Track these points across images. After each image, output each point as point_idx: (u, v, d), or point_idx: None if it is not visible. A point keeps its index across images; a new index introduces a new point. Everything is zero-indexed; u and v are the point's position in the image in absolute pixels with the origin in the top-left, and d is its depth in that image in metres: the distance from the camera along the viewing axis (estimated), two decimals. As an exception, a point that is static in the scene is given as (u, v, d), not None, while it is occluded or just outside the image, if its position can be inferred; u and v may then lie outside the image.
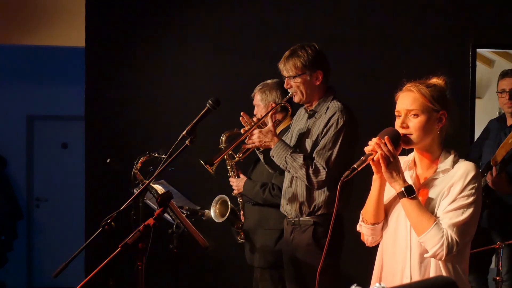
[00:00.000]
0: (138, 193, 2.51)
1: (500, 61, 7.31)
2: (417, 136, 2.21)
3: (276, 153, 3.21)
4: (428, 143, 2.25)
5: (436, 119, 2.23)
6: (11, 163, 6.88)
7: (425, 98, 2.23)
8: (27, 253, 7.16)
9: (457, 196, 2.16)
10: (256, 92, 3.82)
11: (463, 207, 2.15)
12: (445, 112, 2.25)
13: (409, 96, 2.26)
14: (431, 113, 2.22)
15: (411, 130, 2.21)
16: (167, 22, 4.97)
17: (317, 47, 3.28)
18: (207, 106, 2.49)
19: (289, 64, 3.24)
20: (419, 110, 2.22)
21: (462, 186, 2.17)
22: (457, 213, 2.14)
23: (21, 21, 5.34)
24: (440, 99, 2.26)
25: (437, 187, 2.22)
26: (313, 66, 3.22)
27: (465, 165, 2.22)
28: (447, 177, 2.22)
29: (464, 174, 2.18)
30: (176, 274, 3.50)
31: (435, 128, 2.24)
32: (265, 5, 4.99)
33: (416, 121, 2.21)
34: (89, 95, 4.95)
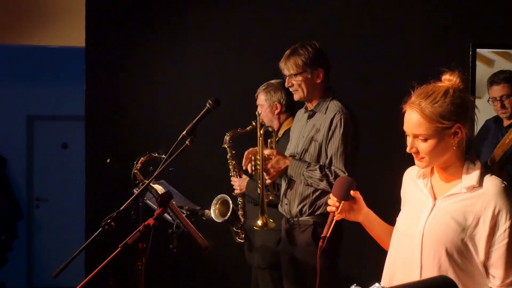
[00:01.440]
0: (138, 193, 2.51)
1: (500, 61, 7.30)
2: (430, 158, 1.99)
3: (293, 173, 3.25)
4: (446, 160, 2.01)
5: (451, 135, 1.97)
6: (11, 163, 6.89)
7: (432, 120, 1.95)
8: (27, 253, 7.16)
9: (498, 235, 1.93)
10: (260, 92, 3.83)
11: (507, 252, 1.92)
12: (460, 125, 1.96)
13: (413, 119, 2.00)
14: (442, 133, 1.95)
15: (422, 154, 2.00)
16: (167, 22, 4.97)
17: (317, 45, 3.31)
18: (207, 106, 2.49)
19: (290, 63, 3.26)
20: (426, 135, 1.96)
21: (494, 220, 1.93)
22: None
23: (21, 21, 5.34)
24: (452, 111, 1.95)
25: (461, 206, 1.97)
26: (314, 64, 3.25)
27: (494, 187, 1.96)
28: (474, 197, 1.96)
29: (500, 200, 1.93)
30: (176, 274, 3.50)
31: (450, 145, 1.97)
32: (266, 5, 4.98)
33: (425, 146, 1.97)
34: (89, 95, 4.95)
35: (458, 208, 1.97)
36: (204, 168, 4.86)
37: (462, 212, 1.96)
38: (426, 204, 2.05)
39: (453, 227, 1.96)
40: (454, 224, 1.96)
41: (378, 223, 2.21)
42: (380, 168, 4.74)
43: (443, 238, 1.96)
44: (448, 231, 1.96)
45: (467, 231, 1.94)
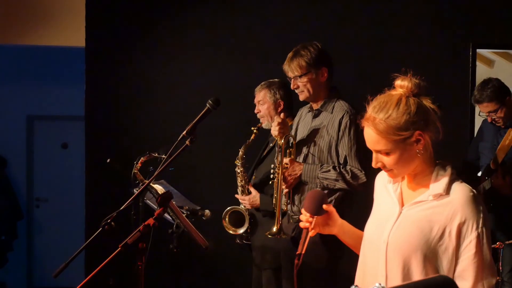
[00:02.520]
0: (138, 193, 2.51)
1: (500, 61, 7.30)
2: (398, 170, 1.94)
3: (307, 177, 3.23)
4: (415, 167, 1.95)
5: (413, 144, 1.91)
6: (11, 163, 6.88)
7: (388, 134, 1.88)
8: (27, 253, 7.17)
9: (464, 244, 1.87)
10: (262, 89, 3.85)
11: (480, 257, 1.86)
12: (420, 132, 1.90)
13: (370, 136, 1.93)
14: (403, 143, 1.90)
15: (389, 167, 1.95)
16: (167, 22, 4.97)
17: (319, 45, 3.31)
18: (207, 106, 2.48)
19: (293, 65, 3.27)
20: (387, 149, 1.91)
21: (458, 229, 1.87)
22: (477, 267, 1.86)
23: (21, 21, 5.34)
24: (408, 121, 1.89)
25: (427, 215, 1.91)
26: (317, 64, 3.25)
27: (461, 195, 1.90)
28: (440, 206, 1.90)
29: (466, 210, 1.88)
30: (176, 274, 3.50)
31: (415, 153, 1.92)
32: (266, 5, 4.98)
33: (389, 159, 1.92)
34: (89, 95, 4.95)
35: (424, 217, 1.91)
36: (204, 168, 4.86)
37: (427, 221, 1.90)
38: (393, 212, 1.99)
39: (417, 236, 1.89)
40: (418, 233, 1.89)
41: (353, 232, 2.14)
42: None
43: (407, 248, 1.90)
44: (412, 241, 1.89)
45: (432, 241, 1.88)
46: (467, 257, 1.86)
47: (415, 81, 1.99)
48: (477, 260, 1.86)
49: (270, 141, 3.91)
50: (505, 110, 3.96)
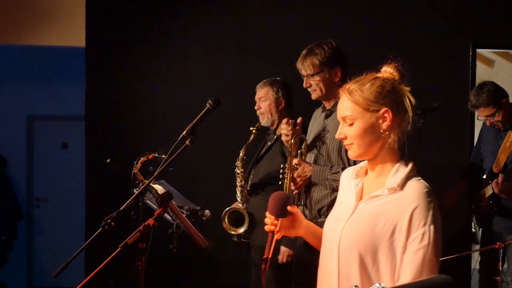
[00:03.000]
0: (138, 193, 2.51)
1: (500, 61, 7.32)
2: (358, 145, 1.91)
3: (317, 179, 3.18)
4: (376, 151, 1.92)
5: (378, 120, 1.90)
6: (11, 163, 6.89)
7: (358, 101, 1.90)
8: (27, 253, 7.17)
9: (408, 240, 1.82)
10: (264, 86, 3.86)
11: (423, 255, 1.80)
12: (388, 109, 1.89)
13: (341, 102, 1.95)
14: (368, 116, 1.90)
15: (349, 140, 1.93)
16: (167, 22, 4.97)
17: (333, 44, 3.26)
18: (207, 106, 2.48)
19: (306, 63, 3.21)
20: (352, 116, 1.91)
21: (408, 225, 1.82)
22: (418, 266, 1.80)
23: (21, 21, 5.35)
24: (380, 94, 1.90)
25: (381, 210, 1.88)
26: (331, 63, 3.20)
27: (414, 191, 1.86)
28: (393, 201, 1.87)
29: (412, 206, 1.83)
30: (176, 274, 3.50)
31: (378, 132, 1.90)
32: (266, 5, 4.98)
33: (352, 129, 1.91)
34: (89, 95, 4.95)
35: (377, 212, 1.87)
36: (204, 168, 4.86)
37: (380, 217, 1.86)
38: (350, 207, 1.96)
39: (369, 232, 1.86)
40: (370, 229, 1.86)
41: (319, 233, 2.08)
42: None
43: (359, 243, 1.87)
44: (363, 237, 1.86)
45: (384, 237, 1.84)
46: (409, 253, 1.81)
47: (400, 69, 2.01)
48: (418, 258, 1.80)
49: (268, 139, 3.92)
50: (503, 113, 3.95)
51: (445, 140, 4.90)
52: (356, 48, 4.95)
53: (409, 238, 1.82)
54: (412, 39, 4.96)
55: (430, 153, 4.67)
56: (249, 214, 3.80)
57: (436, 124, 4.56)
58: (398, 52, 5.30)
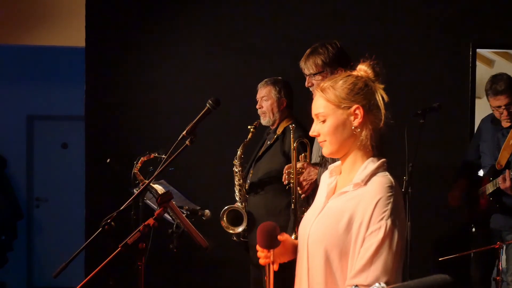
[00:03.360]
0: (138, 193, 2.51)
1: (500, 61, 7.30)
2: (331, 141, 1.93)
3: None
4: (348, 147, 1.94)
5: (349, 117, 1.91)
6: (11, 163, 6.89)
7: (329, 98, 1.92)
8: (27, 253, 7.17)
9: (365, 235, 1.80)
10: (266, 86, 3.86)
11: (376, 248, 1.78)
12: (359, 106, 1.90)
13: (316, 99, 1.97)
14: (340, 113, 1.91)
15: (322, 137, 1.95)
16: (167, 22, 4.97)
17: (338, 45, 3.23)
18: (207, 106, 2.48)
19: (309, 62, 3.19)
20: (324, 113, 1.93)
21: (368, 220, 1.81)
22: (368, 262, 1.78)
23: (21, 21, 5.34)
24: (351, 91, 1.91)
25: (346, 206, 1.88)
26: (333, 64, 3.16)
27: (376, 186, 1.85)
28: (357, 196, 1.87)
29: (372, 201, 1.82)
30: (176, 274, 3.50)
31: (349, 129, 1.91)
32: (266, 5, 4.98)
33: (325, 126, 1.93)
34: (89, 95, 4.95)
35: (342, 208, 1.88)
36: (204, 168, 4.86)
37: (344, 212, 1.86)
38: (320, 205, 1.99)
39: (334, 228, 1.86)
40: (335, 225, 1.86)
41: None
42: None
43: (325, 240, 1.88)
44: (329, 233, 1.87)
45: (348, 233, 1.84)
46: (364, 247, 1.80)
47: (374, 68, 2.00)
48: (372, 251, 1.78)
49: (268, 138, 3.92)
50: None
51: (445, 140, 4.90)
52: (356, 48, 4.94)
53: (367, 232, 1.81)
54: (412, 39, 4.96)
55: (430, 153, 4.67)
56: (248, 213, 3.80)
57: (436, 124, 4.56)
58: (398, 52, 5.33)
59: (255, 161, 3.92)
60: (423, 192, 4.63)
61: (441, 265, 3.70)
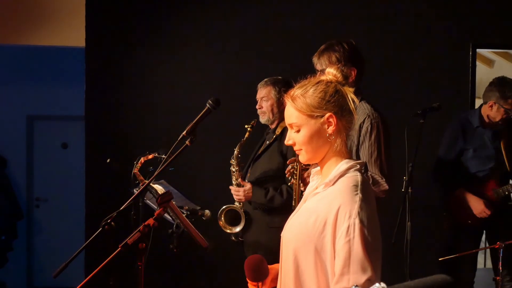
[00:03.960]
0: (138, 193, 2.51)
1: (500, 61, 7.30)
2: (306, 150, 1.94)
3: None
4: (324, 154, 1.95)
5: (324, 125, 1.92)
6: (11, 163, 6.89)
7: (302, 108, 1.91)
8: (27, 253, 7.16)
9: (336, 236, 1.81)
10: (266, 86, 3.84)
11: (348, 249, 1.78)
12: (332, 114, 1.90)
13: (287, 109, 1.97)
14: (314, 122, 1.91)
15: (298, 146, 1.96)
16: (167, 22, 4.97)
17: (354, 44, 3.19)
18: (207, 106, 2.47)
19: (323, 58, 3.13)
20: (297, 124, 1.93)
21: (334, 220, 1.81)
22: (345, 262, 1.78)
23: (21, 21, 5.35)
24: (322, 100, 1.91)
25: (315, 206, 1.91)
26: (347, 62, 3.11)
27: (341, 185, 1.87)
28: (326, 196, 1.89)
29: (336, 201, 1.83)
30: (176, 274, 3.50)
31: (324, 137, 1.92)
32: (266, 5, 4.99)
33: (299, 136, 1.93)
34: (89, 95, 4.95)
35: (312, 208, 1.90)
36: (204, 168, 4.86)
37: (313, 212, 1.88)
38: (299, 206, 2.02)
39: (303, 228, 1.88)
40: (304, 225, 1.88)
41: None
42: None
43: (293, 240, 1.91)
44: (298, 233, 1.90)
45: (316, 233, 1.85)
46: (337, 249, 1.80)
47: (343, 71, 1.97)
48: (344, 253, 1.78)
49: (267, 138, 3.91)
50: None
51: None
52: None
53: (337, 233, 1.81)
54: (412, 39, 4.96)
55: (430, 153, 4.67)
56: (245, 213, 3.80)
57: (436, 124, 4.56)
58: (398, 52, 5.33)
59: (253, 161, 3.92)
60: (423, 192, 4.63)
61: (441, 265, 3.71)
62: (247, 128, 3.86)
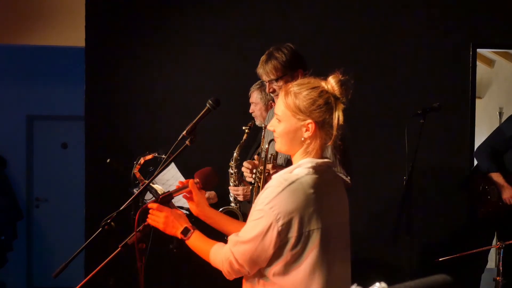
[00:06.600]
0: (138, 193, 2.51)
1: (500, 61, 7.32)
2: (281, 142, 2.06)
3: None
4: (295, 152, 2.06)
5: (302, 128, 2.01)
6: (11, 163, 6.89)
7: (289, 106, 2.01)
8: (27, 253, 7.17)
9: (252, 213, 2.01)
10: (254, 90, 3.86)
11: (249, 224, 1.99)
12: (312, 122, 1.99)
13: (279, 99, 2.07)
14: (294, 122, 2.01)
15: (276, 134, 2.08)
16: (167, 22, 4.97)
17: (292, 47, 3.20)
18: (207, 106, 2.47)
19: (268, 67, 3.16)
20: (280, 117, 2.04)
21: (256, 201, 2.00)
22: (243, 231, 2.00)
23: (21, 21, 5.35)
24: (309, 107, 1.99)
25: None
26: (292, 66, 3.14)
27: (274, 177, 2.01)
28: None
29: (265, 191, 1.98)
30: (176, 274, 3.50)
31: (299, 138, 2.02)
32: (265, 5, 4.99)
33: (279, 127, 2.05)
34: (89, 95, 4.95)
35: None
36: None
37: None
38: None
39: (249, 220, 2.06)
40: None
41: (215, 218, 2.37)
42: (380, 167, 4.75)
43: None
44: None
45: None
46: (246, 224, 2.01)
47: (342, 86, 2.02)
48: (247, 225, 1.99)
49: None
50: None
51: (445, 140, 4.90)
52: (356, 48, 4.96)
53: (252, 212, 2.00)
54: (412, 39, 4.96)
55: (430, 153, 4.67)
56: (243, 214, 3.81)
57: (436, 124, 4.56)
58: (398, 53, 5.33)
59: (251, 161, 3.91)
60: (423, 192, 4.64)
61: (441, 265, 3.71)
62: (245, 130, 3.86)
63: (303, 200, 1.93)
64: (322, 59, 4.67)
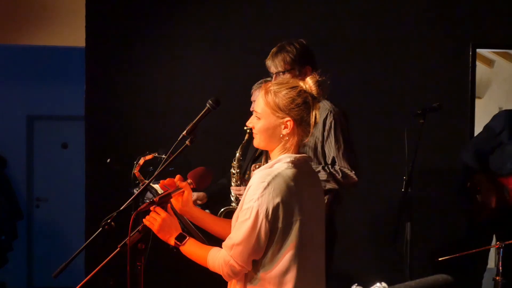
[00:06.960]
0: (138, 193, 2.51)
1: (500, 61, 7.30)
2: (260, 138, 2.16)
3: None
4: (274, 148, 2.16)
5: (280, 125, 2.11)
6: (11, 163, 6.89)
7: (268, 104, 2.11)
8: (27, 253, 7.17)
9: (239, 213, 2.08)
10: (256, 89, 3.85)
11: (239, 224, 2.05)
12: (291, 120, 2.10)
13: (259, 96, 2.16)
14: (273, 119, 2.11)
15: (255, 131, 2.17)
16: (167, 22, 4.96)
17: (304, 43, 3.26)
18: (207, 106, 2.48)
19: (277, 59, 3.20)
20: (260, 114, 2.13)
21: (242, 201, 2.08)
22: (236, 232, 2.06)
23: (21, 21, 5.35)
24: (288, 105, 2.10)
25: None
26: (301, 61, 3.19)
27: (256, 173, 2.10)
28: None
29: (249, 190, 2.07)
30: (176, 274, 3.50)
31: (278, 135, 2.12)
32: (265, 4, 4.98)
33: (258, 124, 2.14)
34: (89, 95, 4.95)
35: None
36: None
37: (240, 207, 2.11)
38: None
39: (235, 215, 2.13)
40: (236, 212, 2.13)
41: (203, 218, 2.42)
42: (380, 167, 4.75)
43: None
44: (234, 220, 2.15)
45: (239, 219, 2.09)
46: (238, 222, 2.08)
47: (319, 86, 2.12)
48: (237, 226, 2.06)
49: None
50: None
51: (445, 140, 4.90)
52: (356, 48, 4.96)
53: (241, 212, 2.07)
54: (412, 39, 4.96)
55: (430, 153, 4.67)
56: None
57: (436, 124, 4.56)
58: (398, 52, 5.33)
59: (252, 162, 3.91)
60: (423, 192, 4.64)
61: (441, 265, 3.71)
62: (247, 130, 3.86)
63: (287, 191, 2.02)
64: (322, 59, 4.66)
